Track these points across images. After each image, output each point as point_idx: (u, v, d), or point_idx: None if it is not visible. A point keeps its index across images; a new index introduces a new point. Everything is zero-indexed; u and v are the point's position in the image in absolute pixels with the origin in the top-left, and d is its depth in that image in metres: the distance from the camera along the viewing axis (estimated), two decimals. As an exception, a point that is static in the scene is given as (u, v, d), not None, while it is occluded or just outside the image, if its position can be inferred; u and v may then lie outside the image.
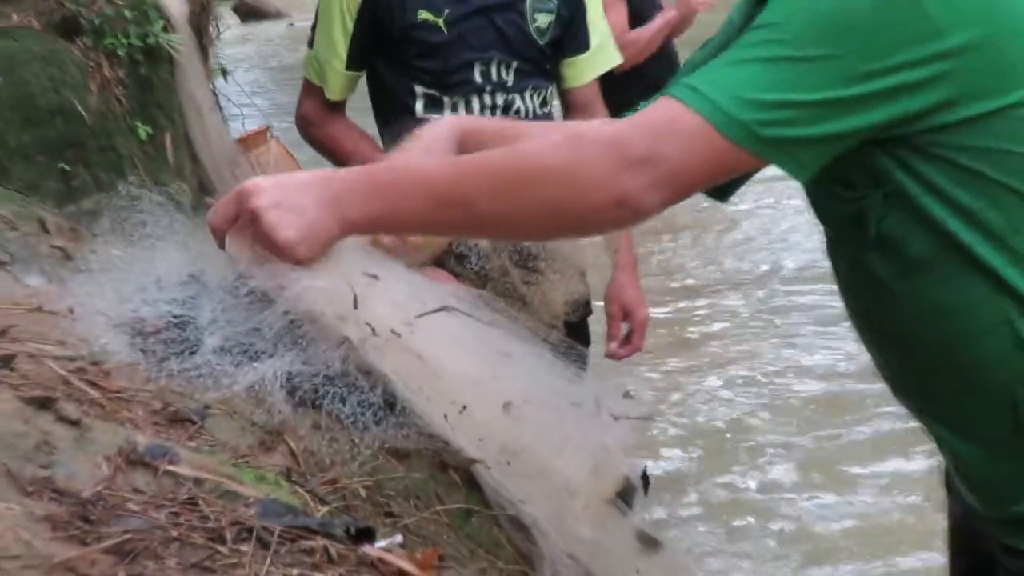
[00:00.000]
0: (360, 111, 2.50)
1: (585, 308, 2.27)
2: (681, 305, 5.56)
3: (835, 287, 1.50)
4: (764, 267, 6.20)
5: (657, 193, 1.19)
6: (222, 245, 1.39)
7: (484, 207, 1.29)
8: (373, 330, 1.34)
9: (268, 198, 1.30)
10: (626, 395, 1.55)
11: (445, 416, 1.34)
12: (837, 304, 1.56)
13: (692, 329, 5.36)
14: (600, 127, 1.23)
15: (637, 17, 5.39)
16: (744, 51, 1.20)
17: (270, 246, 1.31)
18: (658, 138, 1.18)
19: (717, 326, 5.39)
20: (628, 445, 1.51)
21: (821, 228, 1.47)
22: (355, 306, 1.33)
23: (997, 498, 1.39)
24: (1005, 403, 1.31)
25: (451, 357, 1.40)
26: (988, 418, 1.34)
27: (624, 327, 2.61)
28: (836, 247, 1.42)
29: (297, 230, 1.29)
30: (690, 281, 5.93)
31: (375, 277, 1.40)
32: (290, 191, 1.31)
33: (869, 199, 1.27)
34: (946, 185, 1.24)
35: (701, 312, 5.54)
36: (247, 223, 1.32)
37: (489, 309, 1.48)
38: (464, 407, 1.35)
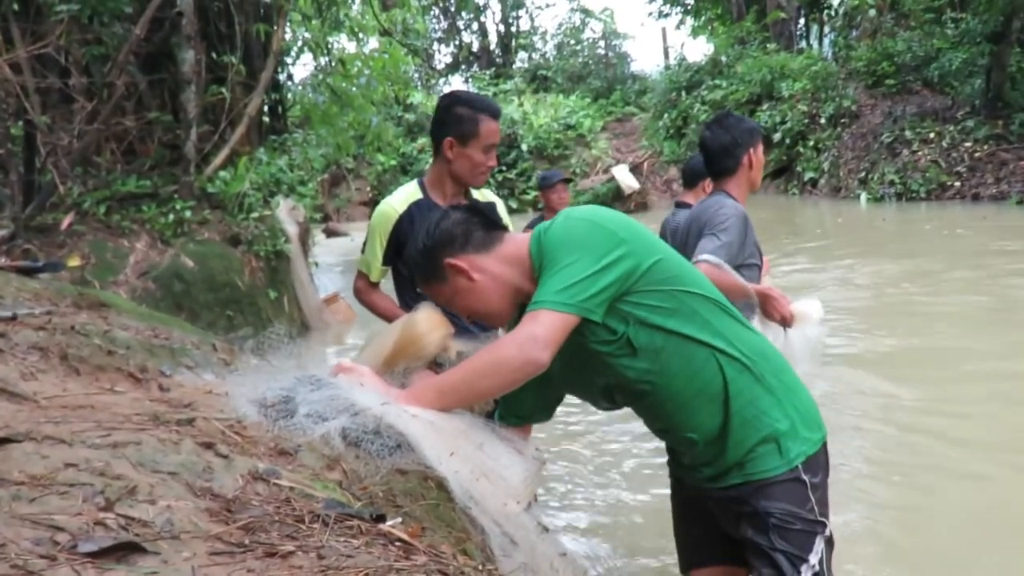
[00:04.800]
0: (388, 287, 2.49)
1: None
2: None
3: None
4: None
5: (543, 352, 1.30)
6: (334, 375, 1.40)
7: (467, 391, 1.35)
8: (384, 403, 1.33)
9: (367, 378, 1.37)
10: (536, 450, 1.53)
11: (439, 459, 1.30)
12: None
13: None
14: (514, 332, 1.32)
15: None
16: (548, 272, 1.33)
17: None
18: (534, 326, 1.30)
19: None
20: (539, 469, 1.49)
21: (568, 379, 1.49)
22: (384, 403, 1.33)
23: (709, 462, 1.45)
24: (719, 403, 1.39)
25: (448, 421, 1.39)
26: (708, 419, 1.41)
27: None
28: (592, 376, 1.44)
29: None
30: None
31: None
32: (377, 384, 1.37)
33: (628, 331, 1.36)
34: (659, 307, 1.36)
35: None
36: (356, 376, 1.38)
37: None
38: (452, 452, 1.33)
